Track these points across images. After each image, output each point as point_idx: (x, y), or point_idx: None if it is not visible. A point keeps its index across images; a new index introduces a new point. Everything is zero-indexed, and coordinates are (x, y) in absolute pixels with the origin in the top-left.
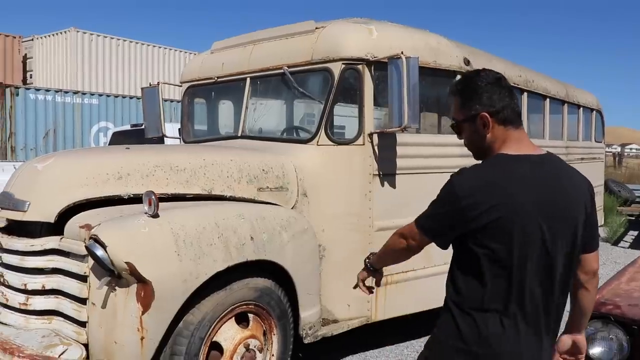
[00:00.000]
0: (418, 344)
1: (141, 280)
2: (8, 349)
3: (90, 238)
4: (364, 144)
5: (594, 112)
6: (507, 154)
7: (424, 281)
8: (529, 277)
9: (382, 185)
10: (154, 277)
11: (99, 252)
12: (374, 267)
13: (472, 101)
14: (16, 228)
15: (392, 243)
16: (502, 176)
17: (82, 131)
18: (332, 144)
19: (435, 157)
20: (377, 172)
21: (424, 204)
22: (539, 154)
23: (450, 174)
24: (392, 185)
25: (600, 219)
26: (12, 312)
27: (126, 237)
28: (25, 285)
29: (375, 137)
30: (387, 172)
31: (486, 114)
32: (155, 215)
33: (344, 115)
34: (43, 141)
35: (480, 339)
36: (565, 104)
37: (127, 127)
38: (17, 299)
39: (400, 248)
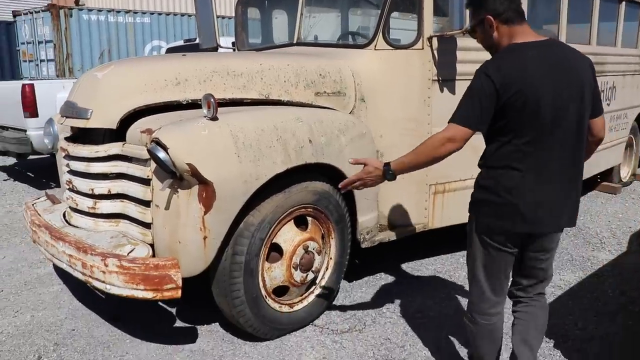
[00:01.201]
0: None
1: (202, 182)
2: (81, 248)
3: (152, 141)
4: (422, 48)
5: None
6: (517, 42)
7: None
8: (543, 137)
9: (442, 91)
10: (215, 178)
11: (161, 154)
12: (394, 176)
13: (480, 8)
14: (81, 136)
15: (436, 149)
16: (517, 59)
17: (136, 50)
18: (390, 48)
19: None
20: (436, 78)
21: None
22: (544, 40)
23: None
24: (452, 91)
25: None
26: (82, 215)
27: (187, 139)
28: (92, 190)
29: (434, 41)
30: (446, 78)
31: (490, 17)
32: (214, 118)
33: (402, 28)
34: (99, 61)
35: (500, 187)
36: (623, 2)
37: (180, 42)
38: (85, 204)
39: (448, 151)
